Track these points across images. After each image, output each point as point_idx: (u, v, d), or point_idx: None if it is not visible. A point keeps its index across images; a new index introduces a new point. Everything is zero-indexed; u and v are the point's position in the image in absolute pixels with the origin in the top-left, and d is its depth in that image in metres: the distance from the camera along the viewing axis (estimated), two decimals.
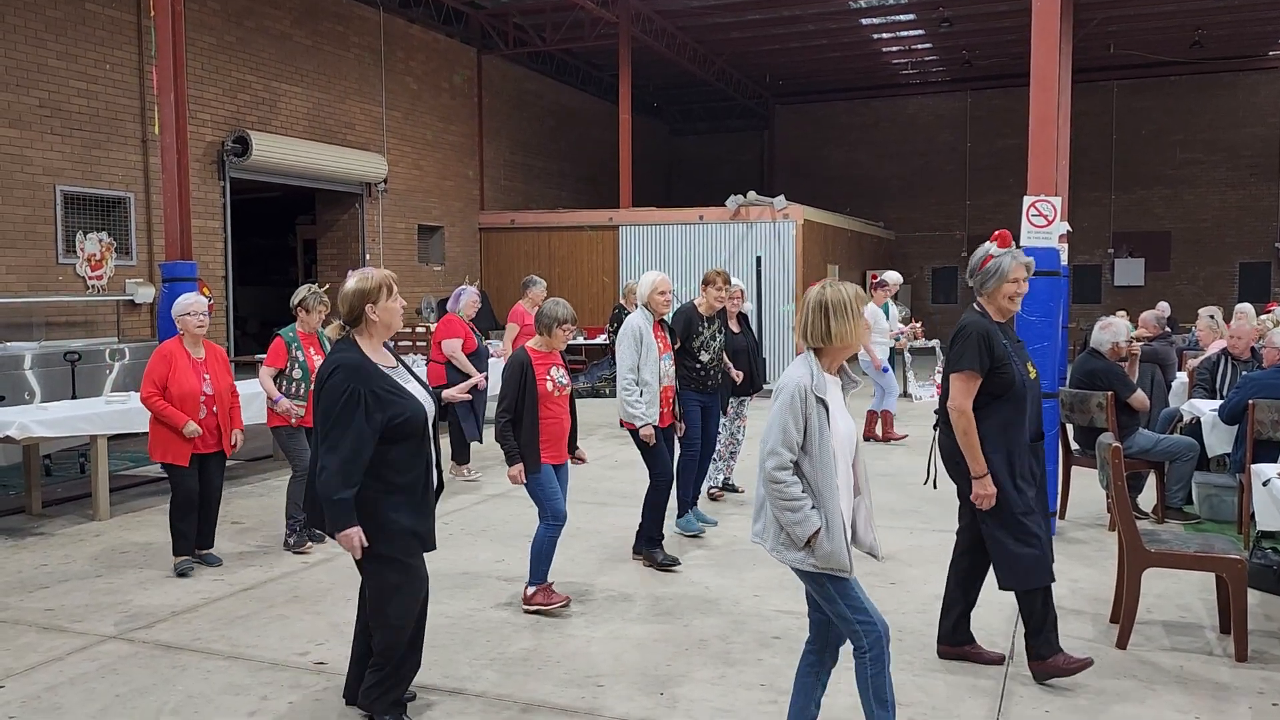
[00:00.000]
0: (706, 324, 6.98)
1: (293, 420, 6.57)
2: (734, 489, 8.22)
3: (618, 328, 11.73)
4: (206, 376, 6.15)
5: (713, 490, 8.00)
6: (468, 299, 8.99)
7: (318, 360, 6.67)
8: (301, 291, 6.86)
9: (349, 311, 3.73)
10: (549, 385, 5.23)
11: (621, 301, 12.08)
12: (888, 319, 11.44)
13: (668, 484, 6.21)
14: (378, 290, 3.73)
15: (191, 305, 6.18)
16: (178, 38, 9.28)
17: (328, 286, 7.13)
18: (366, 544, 3.63)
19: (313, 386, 3.85)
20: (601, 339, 15.17)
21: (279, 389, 6.61)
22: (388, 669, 3.82)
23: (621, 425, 6.20)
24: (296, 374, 6.65)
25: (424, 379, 4.02)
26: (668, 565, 6.09)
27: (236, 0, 13.23)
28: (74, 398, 9.17)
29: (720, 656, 4.67)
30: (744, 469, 8.60)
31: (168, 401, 5.97)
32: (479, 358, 8.80)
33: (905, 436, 10.85)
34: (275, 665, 4.59)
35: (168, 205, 9.51)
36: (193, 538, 6.16)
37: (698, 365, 6.87)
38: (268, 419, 6.80)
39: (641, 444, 6.17)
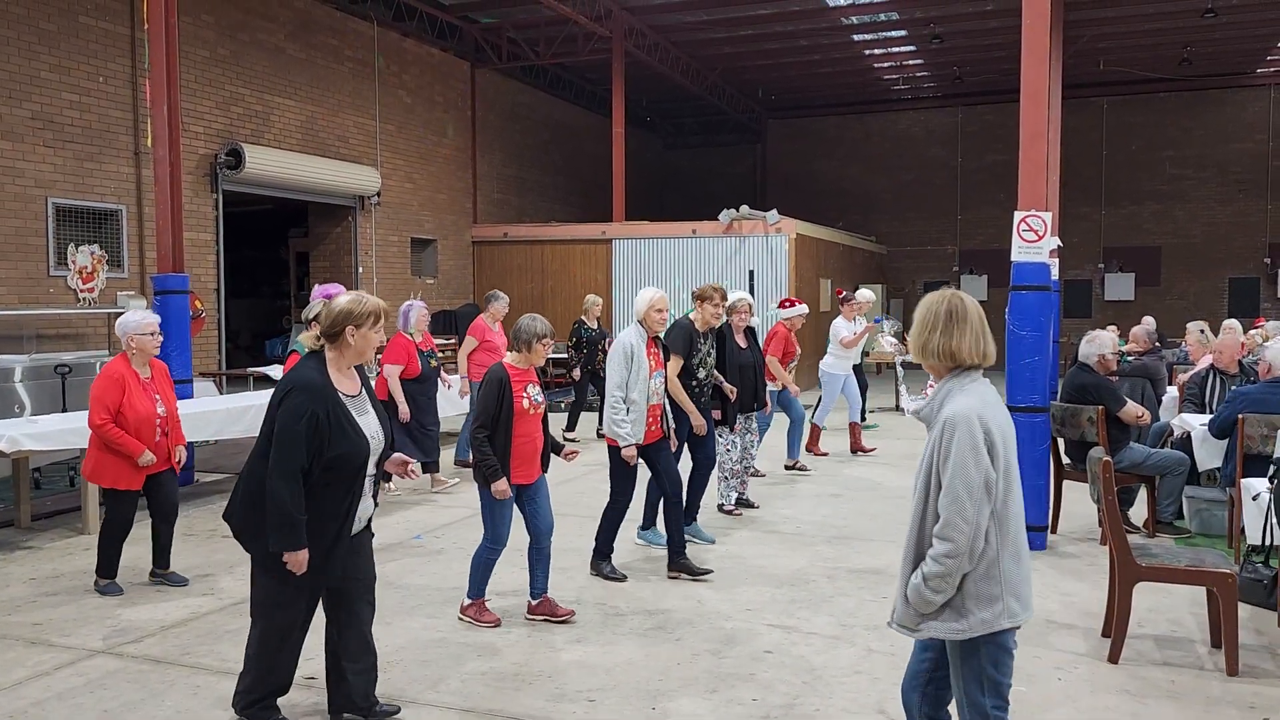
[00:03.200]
0: (703, 340, 6.99)
1: None
2: (750, 505, 8.18)
3: (577, 343, 11.75)
4: (157, 397, 5.92)
5: (727, 508, 7.94)
6: (417, 314, 8.62)
7: None
8: (316, 305, 6.72)
9: (330, 326, 3.71)
10: (525, 403, 5.17)
11: (582, 316, 11.97)
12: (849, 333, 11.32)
13: (625, 505, 6.18)
14: (364, 316, 3.72)
15: (150, 324, 5.91)
16: (171, 51, 9.29)
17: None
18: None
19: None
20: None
21: None
22: (249, 671, 3.88)
23: (599, 437, 6.17)
24: None
25: (381, 409, 3.98)
26: (614, 578, 6.10)
27: (230, 14, 13.25)
28: (64, 410, 9.13)
29: (712, 671, 4.65)
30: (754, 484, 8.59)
31: (122, 427, 5.74)
32: (424, 382, 8.56)
33: (826, 454, 10.64)
34: None
35: (160, 218, 9.50)
36: (118, 562, 5.97)
37: (694, 382, 6.87)
38: None
39: (616, 463, 6.11)
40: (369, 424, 3.81)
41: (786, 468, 9.71)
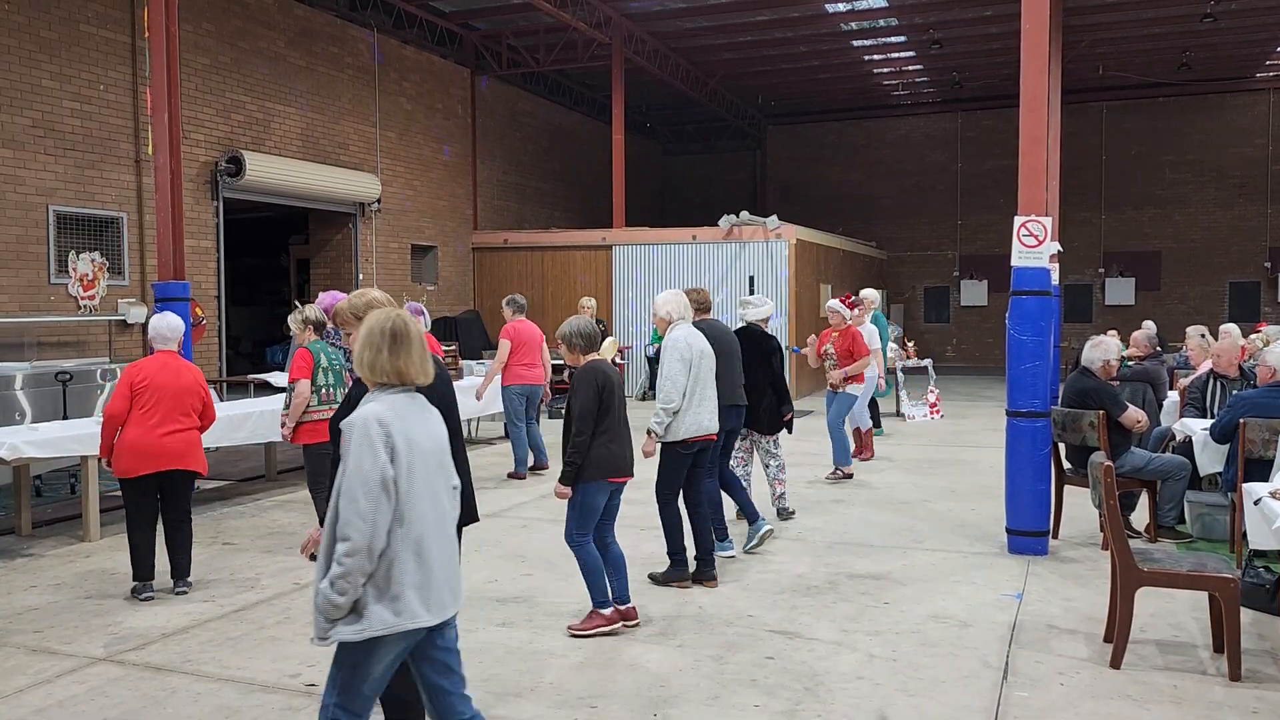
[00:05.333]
0: None
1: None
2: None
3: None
4: None
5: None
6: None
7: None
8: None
9: None
10: None
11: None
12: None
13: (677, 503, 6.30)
14: None
15: (179, 321, 6.22)
16: (172, 58, 9.30)
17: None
18: None
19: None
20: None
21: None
22: None
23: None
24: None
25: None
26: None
27: (231, 21, 13.29)
28: (65, 418, 9.13)
29: (714, 678, 4.65)
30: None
31: None
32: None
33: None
34: (266, 688, 4.56)
35: (160, 225, 9.51)
36: None
37: None
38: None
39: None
40: None
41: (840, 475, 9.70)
